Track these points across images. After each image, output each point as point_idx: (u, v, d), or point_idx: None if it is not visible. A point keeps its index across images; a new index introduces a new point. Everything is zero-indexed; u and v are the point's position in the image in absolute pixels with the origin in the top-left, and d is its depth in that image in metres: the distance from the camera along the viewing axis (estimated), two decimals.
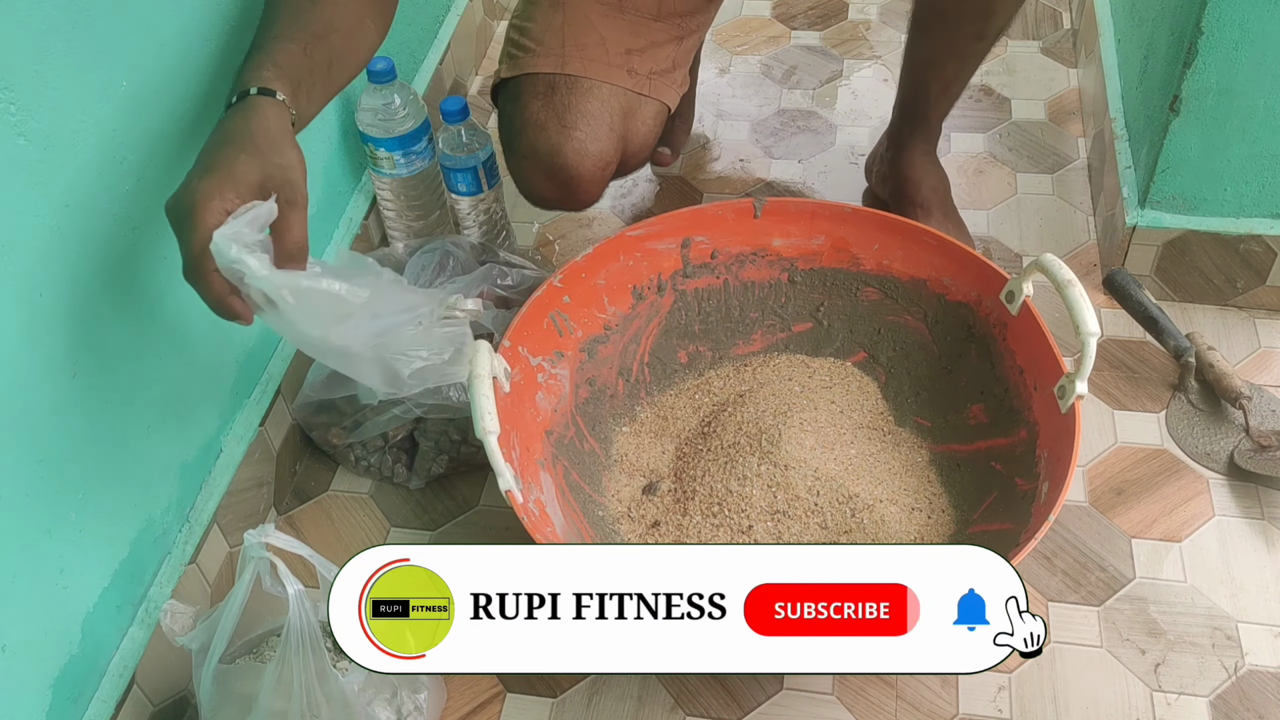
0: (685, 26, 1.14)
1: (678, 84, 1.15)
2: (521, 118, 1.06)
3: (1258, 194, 1.17)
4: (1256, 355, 1.20)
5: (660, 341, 1.15)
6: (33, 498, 0.79)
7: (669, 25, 1.12)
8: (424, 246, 1.17)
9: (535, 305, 1.04)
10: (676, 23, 1.13)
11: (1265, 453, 1.08)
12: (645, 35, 1.10)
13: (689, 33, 1.15)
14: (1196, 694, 0.94)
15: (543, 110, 1.04)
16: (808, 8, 1.75)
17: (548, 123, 1.03)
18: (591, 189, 1.07)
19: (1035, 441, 0.97)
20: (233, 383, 1.06)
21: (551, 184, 1.06)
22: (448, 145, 1.22)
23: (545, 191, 1.08)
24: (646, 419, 1.13)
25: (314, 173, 1.19)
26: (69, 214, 0.81)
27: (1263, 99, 1.10)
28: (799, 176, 1.46)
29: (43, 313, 0.79)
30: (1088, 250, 1.33)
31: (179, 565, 0.97)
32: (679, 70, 1.15)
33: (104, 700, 0.88)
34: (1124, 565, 1.03)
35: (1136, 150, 1.26)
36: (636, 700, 0.96)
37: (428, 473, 1.12)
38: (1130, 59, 1.34)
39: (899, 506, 1.03)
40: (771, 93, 1.60)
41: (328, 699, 0.81)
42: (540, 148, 1.04)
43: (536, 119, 1.04)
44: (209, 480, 1.02)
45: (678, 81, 1.15)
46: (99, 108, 0.83)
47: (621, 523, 1.04)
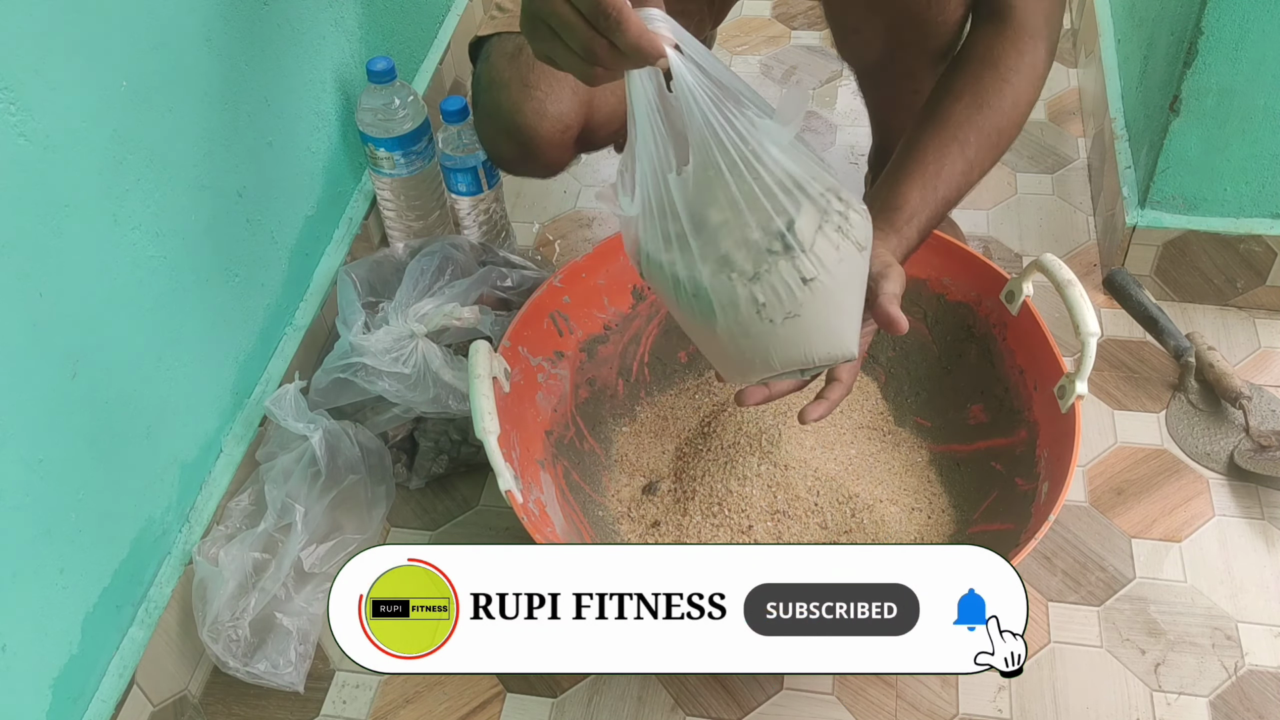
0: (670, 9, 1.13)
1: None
2: (488, 76, 1.05)
3: (1258, 194, 1.17)
4: (1256, 355, 1.20)
5: (660, 341, 1.15)
6: (33, 497, 0.79)
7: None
8: (424, 248, 1.17)
9: (535, 305, 1.04)
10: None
11: (1265, 453, 1.08)
12: None
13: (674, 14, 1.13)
14: (1196, 694, 0.94)
15: (507, 69, 1.03)
16: (808, 8, 1.74)
17: (510, 81, 1.02)
18: (550, 151, 1.05)
19: (1035, 441, 0.97)
20: (233, 383, 1.06)
21: (511, 143, 1.04)
22: (448, 145, 1.22)
23: (505, 151, 1.07)
24: (646, 419, 1.13)
25: (314, 173, 1.20)
26: (69, 214, 0.81)
27: (1263, 99, 1.10)
28: None
29: (43, 313, 0.79)
30: (1088, 250, 1.33)
31: (179, 565, 0.97)
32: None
33: (104, 700, 0.88)
34: (1124, 565, 1.03)
35: (1136, 150, 1.26)
36: (636, 700, 0.96)
37: (428, 473, 1.12)
38: (1130, 59, 1.34)
39: (899, 506, 1.03)
40: (771, 93, 1.60)
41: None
42: (502, 105, 1.03)
43: (500, 77, 1.03)
44: (209, 480, 1.02)
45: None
46: (99, 108, 0.83)
47: (621, 523, 1.04)
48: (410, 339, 1.06)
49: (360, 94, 1.20)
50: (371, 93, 1.18)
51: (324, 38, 1.18)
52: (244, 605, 0.95)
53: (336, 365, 1.07)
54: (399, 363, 1.05)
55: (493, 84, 1.04)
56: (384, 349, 1.06)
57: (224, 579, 0.95)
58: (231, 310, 1.04)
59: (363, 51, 1.27)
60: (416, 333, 1.07)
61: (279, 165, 1.12)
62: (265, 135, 1.08)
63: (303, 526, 0.99)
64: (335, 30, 1.21)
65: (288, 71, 1.12)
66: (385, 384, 1.05)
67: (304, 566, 0.99)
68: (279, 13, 1.09)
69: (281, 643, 0.96)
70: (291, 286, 1.16)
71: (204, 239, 0.99)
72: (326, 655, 1.01)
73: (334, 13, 1.20)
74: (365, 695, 0.98)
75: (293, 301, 1.17)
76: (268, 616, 0.96)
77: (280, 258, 1.13)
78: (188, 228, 0.96)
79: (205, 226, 0.99)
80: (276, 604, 0.97)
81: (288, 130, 1.13)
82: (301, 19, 1.13)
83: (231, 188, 1.03)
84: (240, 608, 0.95)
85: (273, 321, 1.12)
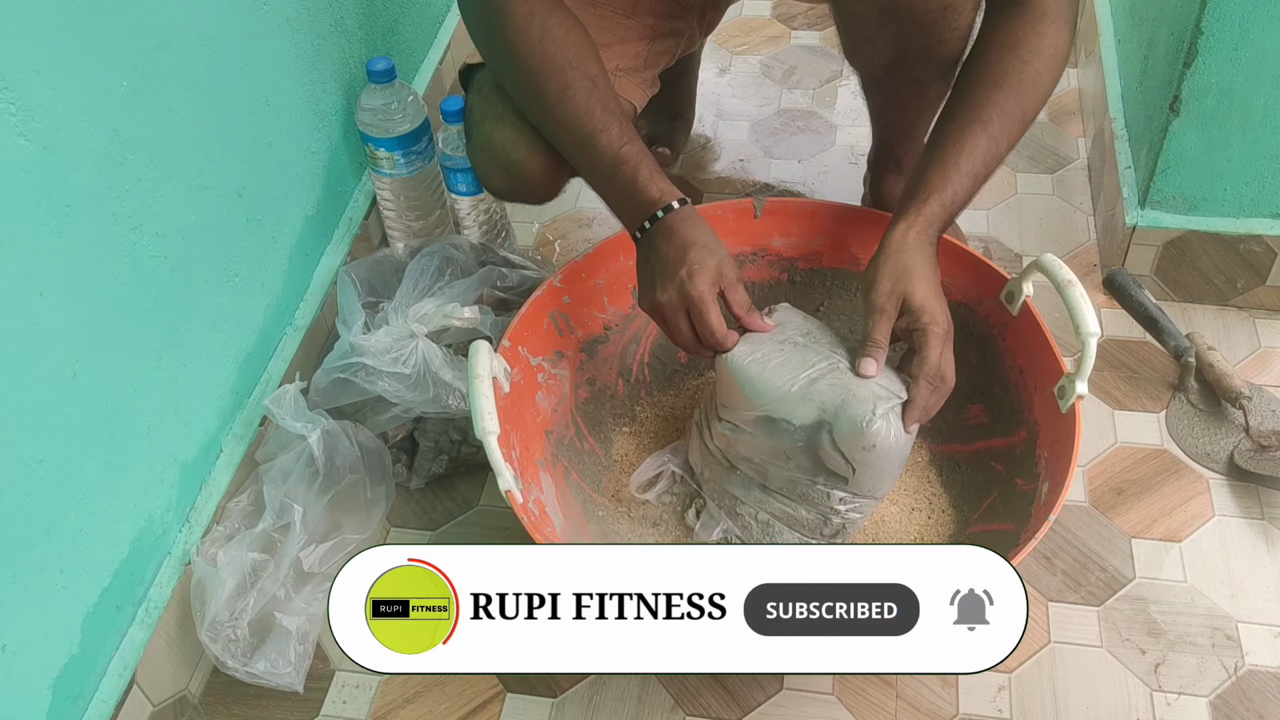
0: (659, 28, 1.13)
1: (646, 84, 1.13)
2: (481, 109, 1.06)
3: (1258, 194, 1.17)
4: (1256, 355, 1.20)
5: (660, 341, 1.15)
6: (33, 498, 0.79)
7: (640, 23, 1.11)
8: (424, 248, 1.17)
9: (535, 305, 1.04)
10: (649, 22, 1.11)
11: (1265, 453, 1.08)
12: (614, 30, 1.09)
13: (663, 34, 1.13)
14: (1196, 694, 0.94)
15: (500, 102, 1.03)
16: (807, 8, 1.74)
17: (505, 115, 1.02)
18: (545, 186, 1.06)
19: (1035, 441, 0.97)
20: (233, 383, 1.06)
21: (506, 177, 1.05)
22: (448, 145, 1.22)
23: (501, 184, 1.07)
24: (646, 419, 1.13)
25: (314, 173, 1.20)
26: (69, 214, 0.81)
27: (1263, 99, 1.10)
28: (799, 176, 1.46)
29: (43, 313, 0.79)
30: (1088, 250, 1.33)
31: (179, 565, 0.97)
32: (649, 71, 1.13)
33: (104, 700, 0.88)
34: (1124, 565, 1.03)
35: (1136, 150, 1.26)
36: (636, 700, 0.96)
37: (428, 473, 1.12)
38: (1130, 59, 1.34)
39: (899, 506, 1.03)
40: (771, 93, 1.60)
41: None
42: (496, 141, 1.03)
43: (494, 111, 1.03)
44: (209, 480, 1.02)
45: (646, 82, 1.13)
46: (99, 108, 0.83)
47: (621, 523, 1.04)
48: (410, 339, 1.06)
49: (360, 94, 1.20)
50: (371, 93, 1.18)
51: (324, 38, 1.18)
52: (242, 605, 0.95)
53: (336, 365, 1.07)
54: (399, 363, 1.05)
55: (487, 117, 1.04)
56: (384, 349, 1.06)
57: (222, 579, 0.95)
58: (231, 310, 1.04)
59: (363, 51, 1.27)
60: (416, 333, 1.07)
61: (279, 165, 1.12)
62: (265, 135, 1.08)
63: (301, 526, 0.99)
64: (335, 30, 1.21)
65: (288, 71, 1.12)
66: (385, 384, 1.05)
67: (303, 566, 0.99)
68: (279, 13, 1.09)
69: (281, 643, 0.96)
70: (291, 286, 1.16)
71: (204, 239, 0.99)
72: (326, 655, 1.01)
73: (334, 13, 1.20)
74: (365, 695, 0.98)
75: (293, 301, 1.17)
76: (267, 616, 0.96)
77: (280, 258, 1.13)
78: (188, 228, 0.96)
79: (205, 226, 0.99)
80: (276, 604, 0.97)
81: (288, 130, 1.13)
82: (301, 19, 1.13)
83: (231, 188, 1.03)
84: (239, 608, 0.95)
85: (273, 321, 1.12)
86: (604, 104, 0.95)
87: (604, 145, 0.93)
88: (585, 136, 0.94)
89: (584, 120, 0.94)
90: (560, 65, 0.94)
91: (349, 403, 1.09)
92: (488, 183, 1.09)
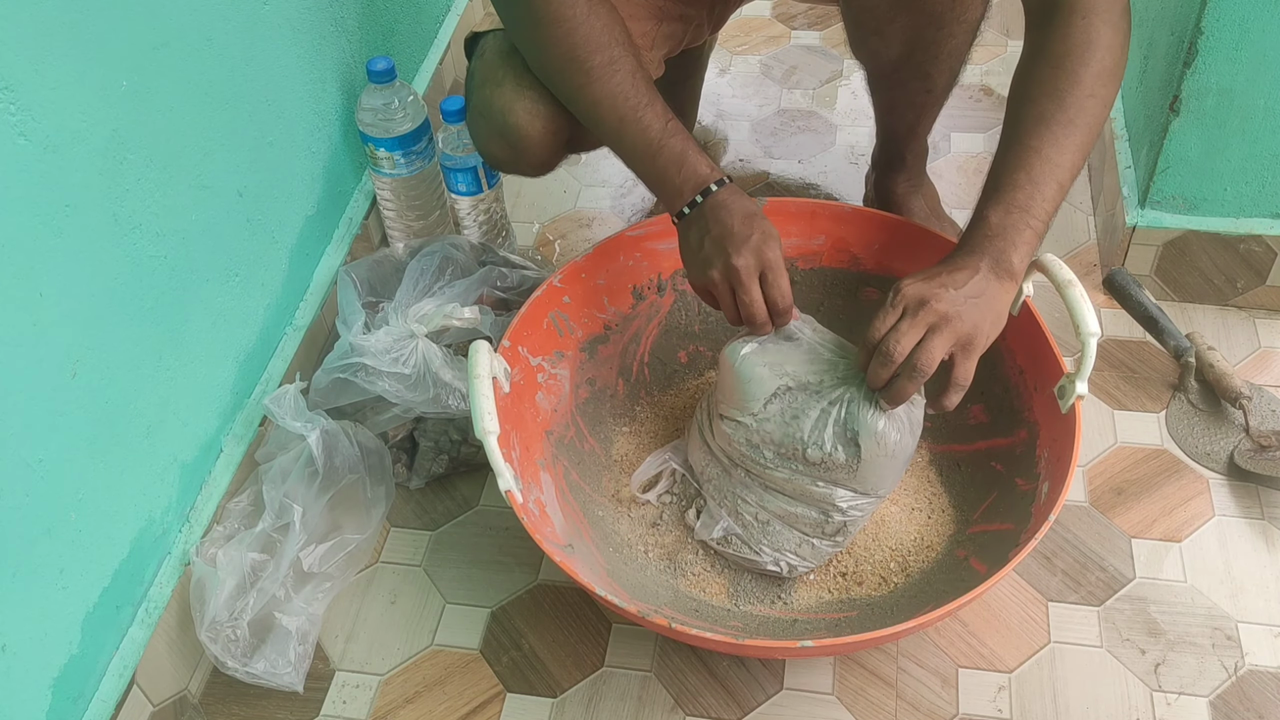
0: (669, 10, 1.12)
1: (651, 66, 1.13)
2: (481, 73, 1.05)
3: (1258, 194, 1.17)
4: (1256, 355, 1.20)
5: (660, 341, 1.15)
6: (32, 498, 0.79)
7: (648, 2, 1.11)
8: (424, 248, 1.17)
9: (535, 305, 1.04)
10: (660, 2, 1.12)
11: (1265, 453, 1.08)
12: (624, 6, 1.08)
13: (672, 18, 1.13)
14: (1196, 694, 0.94)
15: (501, 67, 1.03)
16: (807, 8, 1.74)
17: (504, 80, 1.02)
18: (541, 152, 1.05)
19: (1035, 441, 0.97)
20: (233, 383, 1.06)
21: (502, 142, 1.04)
22: (448, 145, 1.22)
23: (497, 150, 1.07)
24: (646, 419, 1.13)
25: (314, 173, 1.20)
26: (69, 214, 0.81)
27: (1263, 99, 1.10)
28: (799, 176, 1.46)
29: (43, 313, 0.79)
30: (1088, 250, 1.33)
31: (179, 565, 0.97)
32: (655, 52, 1.12)
33: (104, 700, 0.88)
34: (1124, 565, 1.03)
35: (1136, 150, 1.26)
36: (636, 700, 0.96)
37: (428, 473, 1.12)
38: (1130, 59, 1.33)
39: (899, 506, 1.03)
40: (771, 93, 1.60)
41: None
42: (494, 104, 1.03)
43: (494, 75, 1.03)
44: (209, 480, 1.02)
45: (651, 63, 1.13)
46: (99, 108, 0.83)
47: (621, 522, 1.04)
48: (410, 339, 1.06)
49: (360, 94, 1.20)
50: (371, 93, 1.18)
51: (324, 38, 1.18)
52: (242, 605, 0.95)
53: (336, 365, 1.07)
54: (399, 363, 1.05)
55: (486, 82, 1.04)
56: (384, 349, 1.06)
57: (221, 579, 0.95)
58: (231, 310, 1.04)
59: (363, 51, 1.27)
60: (416, 333, 1.07)
61: (279, 165, 1.12)
62: (265, 135, 1.08)
63: (301, 526, 0.99)
64: (335, 30, 1.21)
65: (288, 71, 1.12)
66: (385, 384, 1.05)
67: (303, 566, 0.99)
68: (279, 13, 1.09)
69: (280, 643, 0.96)
70: (291, 286, 1.16)
71: (204, 239, 0.99)
72: (326, 655, 1.01)
73: (334, 13, 1.20)
74: (365, 695, 0.98)
75: (293, 301, 1.17)
76: (267, 616, 0.96)
77: (280, 258, 1.14)
78: (188, 228, 0.96)
79: (205, 226, 0.99)
80: (276, 604, 0.97)
81: (288, 130, 1.13)
82: (301, 19, 1.13)
83: (231, 188, 1.03)
84: (239, 608, 0.95)
85: (273, 321, 1.12)
86: (647, 83, 0.95)
87: (649, 121, 0.93)
88: (628, 111, 0.94)
89: (629, 95, 0.94)
90: (606, 41, 0.94)
91: (349, 403, 1.09)
92: (485, 150, 1.09)
